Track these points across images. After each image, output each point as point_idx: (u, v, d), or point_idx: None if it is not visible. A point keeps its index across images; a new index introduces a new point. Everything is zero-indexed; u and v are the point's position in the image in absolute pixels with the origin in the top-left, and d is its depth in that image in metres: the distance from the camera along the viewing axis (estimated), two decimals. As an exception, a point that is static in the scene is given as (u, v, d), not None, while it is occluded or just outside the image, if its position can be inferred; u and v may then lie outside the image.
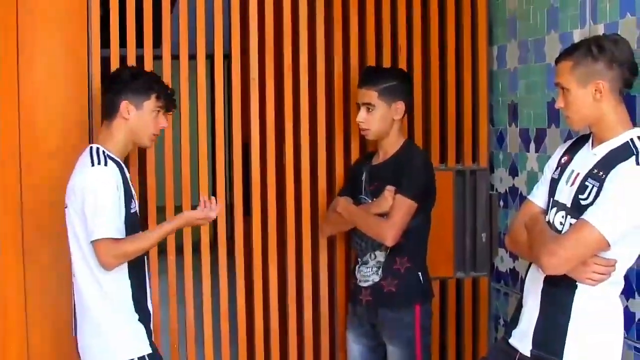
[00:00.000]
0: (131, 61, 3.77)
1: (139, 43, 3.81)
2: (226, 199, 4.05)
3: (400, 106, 3.74)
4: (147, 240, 3.29)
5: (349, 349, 3.91)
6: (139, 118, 3.37)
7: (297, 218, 4.11)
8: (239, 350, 4.09)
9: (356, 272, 3.82)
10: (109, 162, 3.26)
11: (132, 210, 3.33)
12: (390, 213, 3.64)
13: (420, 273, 3.78)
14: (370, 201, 3.75)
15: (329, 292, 4.18)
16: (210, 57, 3.91)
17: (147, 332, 3.33)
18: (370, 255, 3.76)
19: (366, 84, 3.73)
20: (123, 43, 3.80)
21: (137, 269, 3.34)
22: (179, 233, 3.78)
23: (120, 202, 3.24)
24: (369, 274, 3.75)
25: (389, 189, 3.67)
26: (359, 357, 3.87)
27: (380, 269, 3.73)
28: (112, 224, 3.18)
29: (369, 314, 3.78)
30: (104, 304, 3.28)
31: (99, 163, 3.23)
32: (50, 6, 3.77)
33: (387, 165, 3.77)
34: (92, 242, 3.18)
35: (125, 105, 3.34)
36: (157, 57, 3.82)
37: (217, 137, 4.01)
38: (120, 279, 3.28)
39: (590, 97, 2.87)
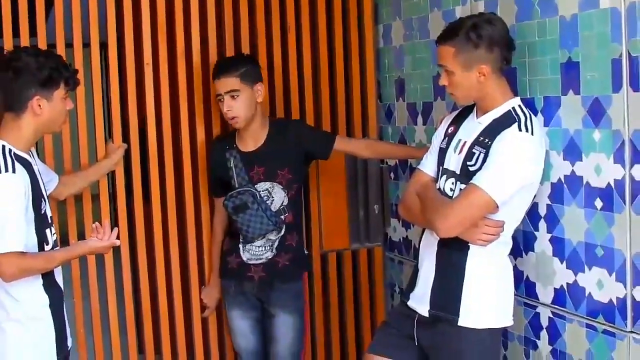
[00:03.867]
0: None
1: (32, 32, 3.75)
2: (125, 184, 4.06)
3: (260, 87, 3.77)
4: (50, 261, 3.15)
5: (236, 326, 3.97)
6: (51, 110, 3.16)
7: (196, 201, 4.14)
8: (145, 333, 4.14)
9: (242, 252, 3.86)
10: (17, 166, 3.05)
11: (42, 212, 3.17)
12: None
13: (303, 244, 3.99)
14: (251, 188, 3.74)
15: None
16: (104, 45, 3.91)
17: (58, 338, 3.22)
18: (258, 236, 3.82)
19: (225, 72, 3.70)
20: (16, 33, 3.72)
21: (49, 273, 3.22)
22: (79, 219, 3.85)
23: (28, 211, 3.07)
24: (261, 252, 3.83)
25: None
26: (250, 332, 3.97)
27: (274, 246, 3.83)
28: (18, 237, 3.00)
29: (260, 289, 3.87)
30: (13, 310, 3.13)
31: (6, 170, 3.01)
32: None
33: (268, 148, 3.81)
34: None
35: (36, 101, 3.11)
36: (69, 46, 3.78)
37: (114, 124, 3.98)
38: (32, 284, 3.14)
39: (474, 79, 3.06)
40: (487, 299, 3.11)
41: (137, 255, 4.08)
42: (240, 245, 3.87)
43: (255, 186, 3.78)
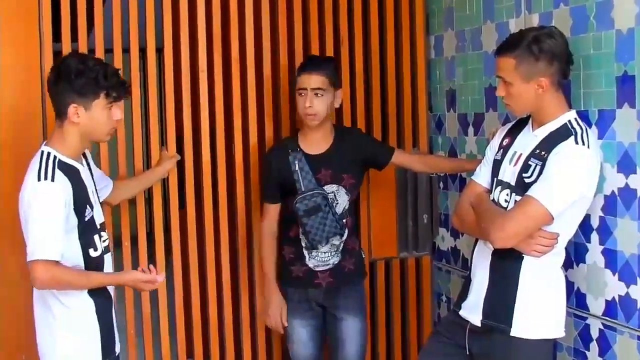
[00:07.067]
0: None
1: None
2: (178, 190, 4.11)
3: (340, 94, 3.82)
4: (85, 279, 3.12)
5: (295, 334, 3.91)
6: (90, 119, 3.09)
7: (247, 208, 4.18)
8: (194, 338, 4.18)
9: (307, 260, 3.82)
10: (58, 175, 3.03)
11: (87, 219, 3.15)
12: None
13: (361, 248, 4.03)
14: (322, 190, 3.72)
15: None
16: (159, 51, 3.96)
17: (104, 343, 3.24)
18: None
19: (317, 69, 3.70)
20: (74, 37, 3.78)
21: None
22: (133, 223, 3.91)
23: (69, 219, 3.06)
24: (327, 258, 3.82)
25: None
26: (309, 339, 3.92)
27: (339, 250, 3.83)
28: (54, 245, 2.99)
29: (327, 295, 3.87)
30: (62, 315, 3.15)
31: (45, 178, 3.00)
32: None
33: (334, 151, 3.82)
34: (29, 261, 2.98)
35: (73, 110, 3.07)
36: (109, 51, 3.81)
37: (168, 130, 4.03)
38: (80, 292, 3.17)
39: (532, 91, 3.07)
40: (539, 310, 3.12)
41: (188, 261, 4.13)
42: (305, 252, 3.83)
43: (321, 186, 3.77)
